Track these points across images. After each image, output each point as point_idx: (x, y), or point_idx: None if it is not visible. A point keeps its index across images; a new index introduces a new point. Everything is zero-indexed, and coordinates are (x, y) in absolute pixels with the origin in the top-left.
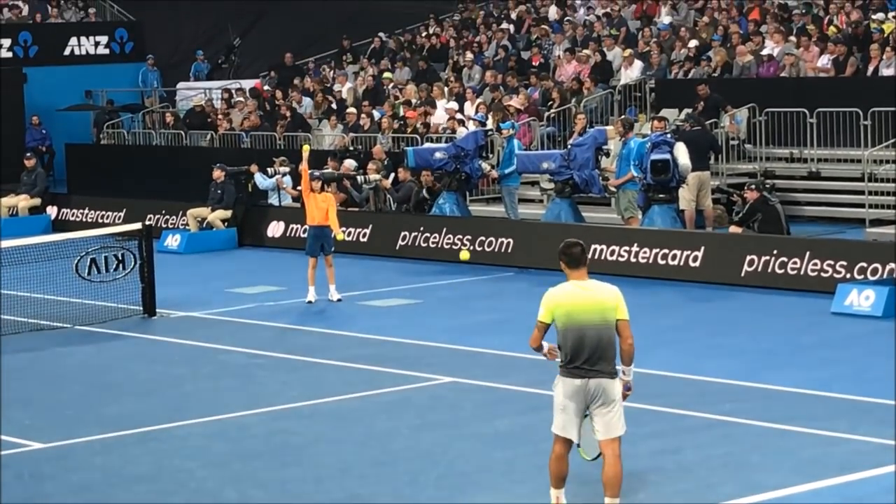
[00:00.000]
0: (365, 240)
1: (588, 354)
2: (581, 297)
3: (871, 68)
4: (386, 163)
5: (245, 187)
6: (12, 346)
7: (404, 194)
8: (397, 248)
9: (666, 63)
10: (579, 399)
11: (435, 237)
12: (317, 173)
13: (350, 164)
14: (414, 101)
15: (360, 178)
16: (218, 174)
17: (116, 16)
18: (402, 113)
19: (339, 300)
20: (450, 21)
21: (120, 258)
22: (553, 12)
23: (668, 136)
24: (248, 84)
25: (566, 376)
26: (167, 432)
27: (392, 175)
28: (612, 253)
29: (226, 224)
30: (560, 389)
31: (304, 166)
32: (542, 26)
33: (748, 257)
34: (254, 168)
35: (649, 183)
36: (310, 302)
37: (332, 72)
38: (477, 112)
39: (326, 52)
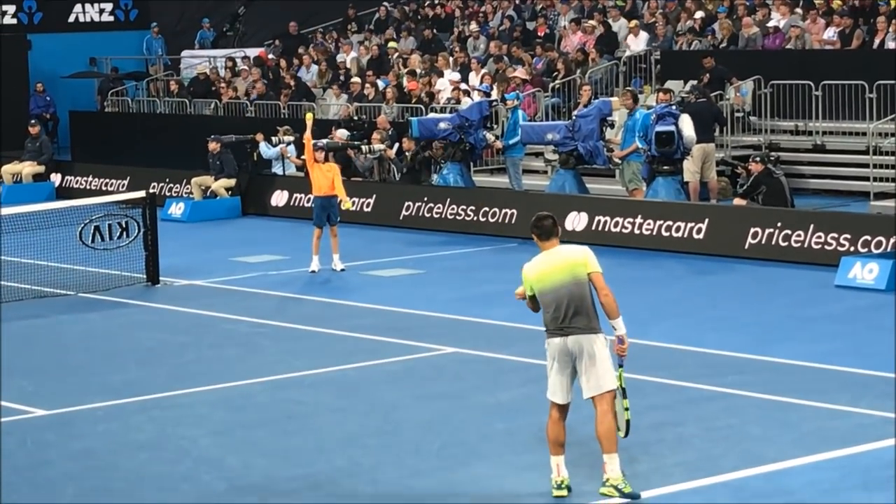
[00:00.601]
0: (369, 210)
1: (563, 312)
2: (550, 262)
3: (876, 41)
4: (390, 133)
5: (250, 156)
6: (15, 314)
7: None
8: (401, 218)
9: (671, 34)
10: (563, 358)
11: (439, 207)
12: (321, 143)
13: (342, 133)
14: (418, 71)
15: (364, 148)
16: (214, 146)
17: None
18: (405, 83)
19: (342, 270)
20: None
21: (124, 226)
22: None
23: (673, 107)
24: (252, 53)
25: (548, 336)
26: (170, 400)
27: (396, 145)
28: (616, 225)
29: (230, 193)
30: (548, 351)
31: (307, 135)
32: None
33: (752, 230)
34: (259, 137)
35: (653, 155)
36: (313, 271)
37: (336, 41)
38: (481, 82)
39: (331, 21)
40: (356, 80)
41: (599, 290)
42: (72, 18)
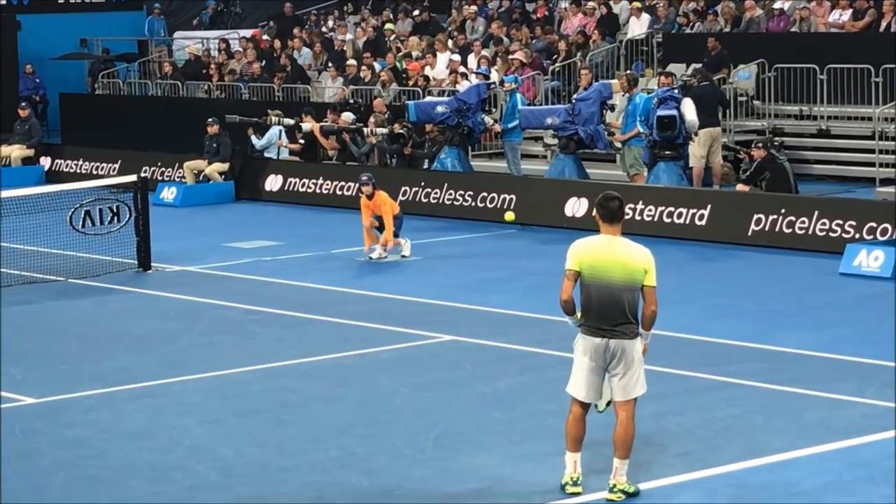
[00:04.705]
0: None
1: (608, 313)
2: (608, 252)
3: (883, 24)
4: (387, 116)
5: (248, 140)
6: (5, 300)
7: (398, 147)
8: (399, 203)
9: (674, 17)
10: (598, 358)
11: (436, 192)
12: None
13: (348, 117)
14: (416, 53)
15: (365, 131)
16: (213, 129)
17: None
18: (403, 65)
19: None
20: None
21: (115, 211)
22: None
23: (676, 91)
24: (246, 34)
25: (587, 334)
26: (162, 388)
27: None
28: None
29: (223, 177)
30: (580, 346)
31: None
32: None
33: (755, 216)
34: (272, 120)
35: (655, 139)
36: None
37: (332, 22)
38: (480, 65)
39: (327, 2)
40: (352, 62)
41: (648, 304)
42: None
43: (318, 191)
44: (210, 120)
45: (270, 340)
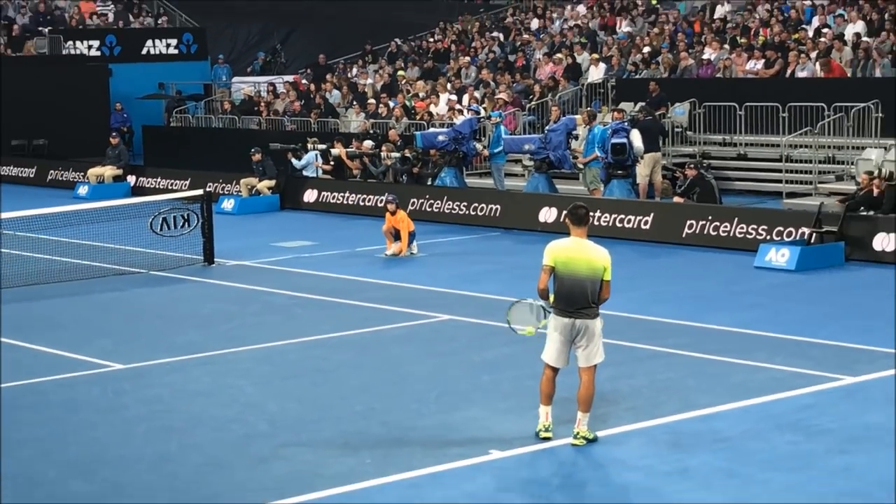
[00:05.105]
0: (382, 205)
1: (575, 299)
2: (576, 251)
3: (788, 71)
4: (399, 144)
5: (288, 162)
6: (100, 287)
7: (408, 168)
8: (408, 212)
9: (624, 65)
10: (566, 333)
11: (437, 203)
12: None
13: (368, 144)
14: (422, 94)
15: (382, 155)
16: (256, 157)
17: (184, 23)
18: (413, 104)
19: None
20: (451, 29)
21: (185, 218)
22: (534, 24)
23: (626, 124)
24: (288, 79)
25: (558, 315)
26: (222, 357)
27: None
28: None
29: (270, 191)
30: (552, 324)
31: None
32: (525, 35)
33: (688, 222)
34: (311, 144)
35: (610, 162)
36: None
37: (356, 70)
38: (472, 103)
39: (352, 53)
40: (372, 101)
41: (604, 292)
42: (144, 51)
43: (344, 202)
44: (253, 150)
45: (307, 319)
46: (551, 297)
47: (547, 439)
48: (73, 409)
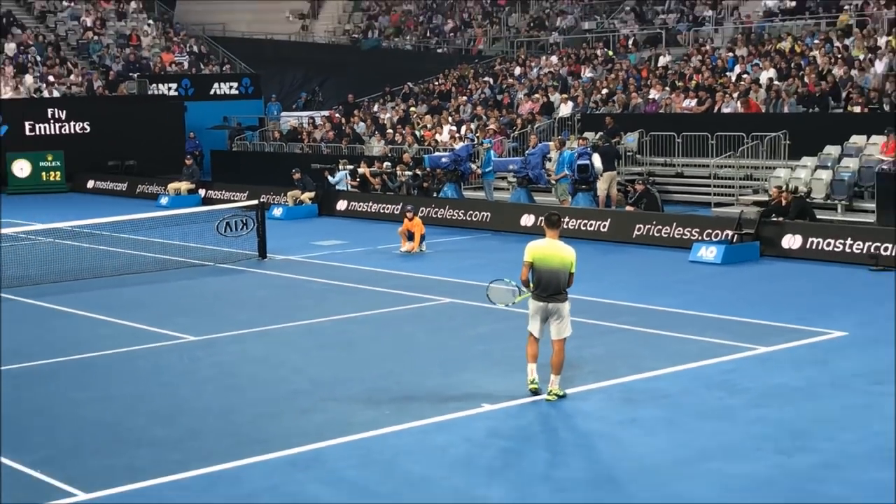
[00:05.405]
0: (397, 212)
1: (549, 287)
2: (550, 249)
3: (716, 108)
4: (411, 164)
5: (325, 179)
6: (177, 276)
7: (418, 183)
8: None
9: (588, 103)
10: (542, 313)
11: (441, 211)
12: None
13: (387, 164)
14: (429, 125)
15: (397, 173)
16: (296, 176)
17: (243, 70)
18: (422, 133)
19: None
20: (452, 75)
21: (244, 222)
22: (517, 70)
23: (588, 149)
24: (325, 114)
25: (535, 299)
26: (273, 331)
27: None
28: None
29: (311, 201)
30: (532, 307)
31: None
32: (510, 79)
33: (637, 225)
34: (342, 165)
35: (576, 179)
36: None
37: (377, 106)
38: (468, 133)
39: (375, 94)
40: (390, 131)
41: (569, 282)
42: (212, 91)
43: (368, 210)
44: (294, 170)
45: (339, 302)
46: (531, 286)
47: (535, 391)
48: (157, 372)
